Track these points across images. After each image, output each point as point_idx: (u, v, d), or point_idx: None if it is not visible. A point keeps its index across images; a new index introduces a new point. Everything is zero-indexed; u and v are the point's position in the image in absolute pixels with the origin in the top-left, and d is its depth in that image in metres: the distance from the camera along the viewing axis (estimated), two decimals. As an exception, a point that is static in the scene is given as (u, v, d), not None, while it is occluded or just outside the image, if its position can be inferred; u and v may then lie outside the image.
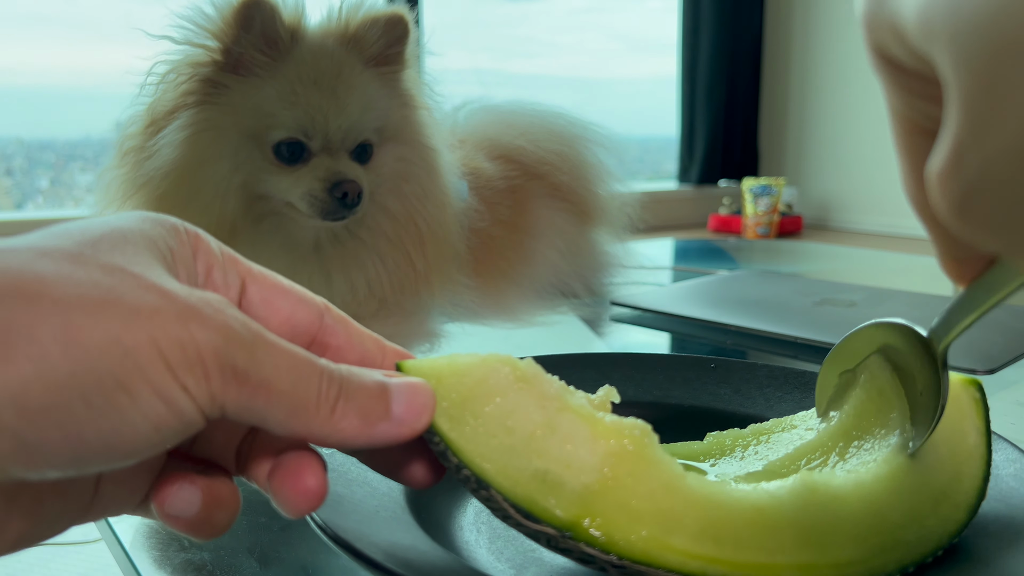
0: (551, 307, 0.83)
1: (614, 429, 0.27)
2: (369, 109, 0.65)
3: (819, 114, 3.25)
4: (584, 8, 3.46)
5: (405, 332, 0.69)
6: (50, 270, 0.20)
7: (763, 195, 2.81)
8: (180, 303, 0.21)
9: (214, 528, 0.25)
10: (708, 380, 0.45)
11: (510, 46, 3.32)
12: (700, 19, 3.27)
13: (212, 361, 0.21)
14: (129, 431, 0.20)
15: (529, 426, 0.27)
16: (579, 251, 0.91)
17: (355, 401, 0.24)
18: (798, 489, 0.27)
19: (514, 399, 0.27)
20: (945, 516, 0.29)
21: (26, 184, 2.37)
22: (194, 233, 0.26)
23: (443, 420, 0.26)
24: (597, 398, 0.32)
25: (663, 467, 0.27)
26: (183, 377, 0.21)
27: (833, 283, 0.91)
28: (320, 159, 0.63)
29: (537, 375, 0.28)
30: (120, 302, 0.20)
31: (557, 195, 0.89)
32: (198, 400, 0.21)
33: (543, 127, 0.91)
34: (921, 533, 0.28)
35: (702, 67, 3.29)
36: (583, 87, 3.42)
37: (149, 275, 0.22)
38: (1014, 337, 0.67)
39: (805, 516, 0.27)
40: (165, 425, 0.21)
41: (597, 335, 0.75)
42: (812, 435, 0.34)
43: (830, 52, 3.18)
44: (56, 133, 2.42)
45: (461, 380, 0.27)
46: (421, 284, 0.71)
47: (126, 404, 0.20)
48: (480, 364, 0.28)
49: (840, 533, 0.27)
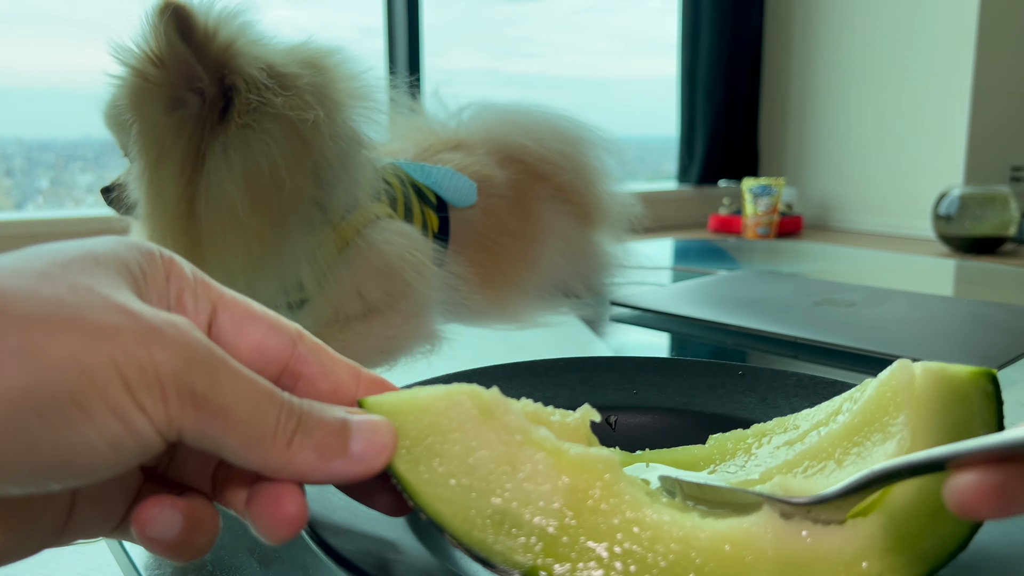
0: (551, 308, 0.83)
1: (578, 463, 0.26)
2: None
3: (819, 114, 3.25)
4: (584, 8, 3.46)
5: (403, 334, 0.69)
6: (15, 286, 0.20)
7: (763, 195, 2.81)
8: (143, 323, 0.21)
9: (193, 551, 0.25)
10: (734, 388, 0.44)
11: (510, 46, 3.32)
12: (700, 19, 3.27)
13: (171, 383, 0.21)
14: (85, 448, 0.20)
15: (490, 463, 0.26)
16: (581, 252, 0.91)
17: (313, 436, 0.24)
18: (773, 516, 0.26)
19: (475, 434, 0.26)
20: (943, 534, 0.26)
21: (26, 184, 2.37)
22: (168, 258, 0.26)
23: (400, 461, 0.26)
24: (574, 421, 0.32)
25: (627, 503, 0.26)
26: (140, 397, 0.21)
27: (833, 283, 0.91)
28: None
29: (501, 405, 0.27)
30: (82, 320, 0.20)
31: (560, 196, 0.89)
32: (155, 421, 0.21)
33: (547, 127, 0.91)
34: (915, 555, 0.26)
35: (702, 67, 3.30)
36: (583, 87, 3.42)
37: (115, 296, 0.22)
38: (1014, 337, 0.67)
39: (781, 548, 0.25)
40: (122, 444, 0.21)
41: (597, 335, 0.75)
42: (815, 438, 0.32)
43: (830, 52, 3.18)
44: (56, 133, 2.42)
45: (421, 417, 0.26)
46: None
47: (81, 421, 0.20)
48: (442, 398, 0.27)
49: (822, 564, 0.25)
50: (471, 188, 0.79)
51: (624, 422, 0.42)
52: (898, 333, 0.68)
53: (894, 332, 0.68)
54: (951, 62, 2.81)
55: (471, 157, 0.84)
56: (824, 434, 0.32)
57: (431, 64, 2.68)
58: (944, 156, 2.86)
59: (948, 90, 2.83)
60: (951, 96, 2.82)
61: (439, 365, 0.64)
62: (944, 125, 2.85)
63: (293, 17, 2.42)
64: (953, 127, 2.83)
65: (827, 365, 0.63)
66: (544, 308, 0.82)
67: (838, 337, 0.66)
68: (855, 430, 0.31)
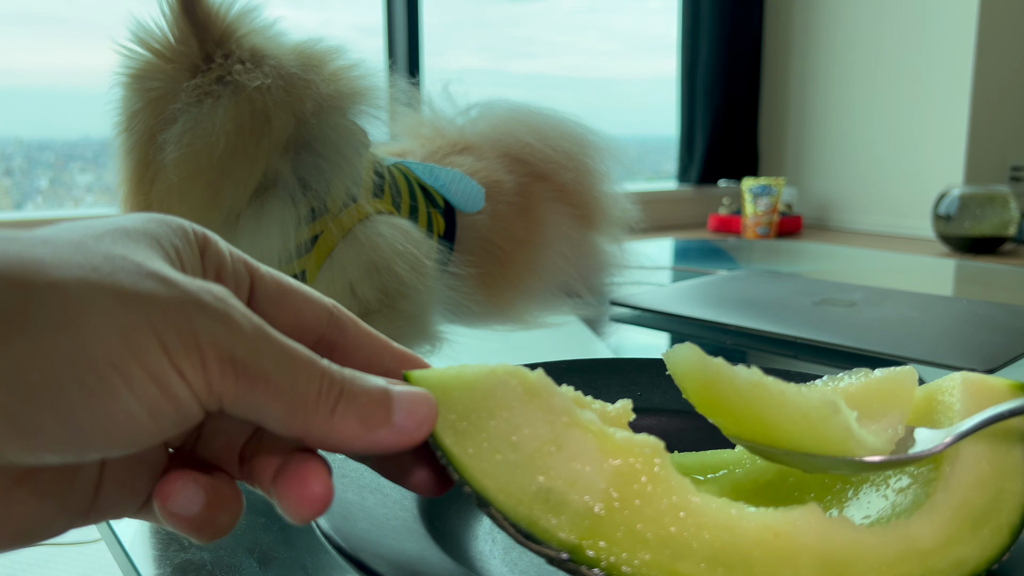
0: (552, 308, 0.83)
1: (624, 447, 0.26)
2: None
3: (819, 114, 3.26)
4: (584, 8, 3.46)
5: (405, 334, 0.69)
6: (49, 255, 0.20)
7: (763, 195, 2.81)
8: (180, 290, 0.21)
9: (216, 529, 0.25)
10: None
11: (510, 46, 3.32)
12: (700, 19, 3.27)
13: (210, 349, 0.21)
14: (123, 415, 0.20)
15: (535, 442, 0.26)
16: (582, 253, 0.91)
17: (356, 404, 0.24)
18: (817, 511, 0.26)
19: (521, 413, 0.26)
20: (984, 540, 0.26)
21: (26, 184, 2.37)
22: (202, 234, 0.26)
23: (447, 434, 0.26)
24: (614, 411, 0.31)
25: (673, 488, 0.26)
26: (179, 362, 0.20)
27: (833, 283, 0.91)
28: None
29: (547, 387, 0.27)
30: (119, 286, 0.20)
31: (562, 198, 0.89)
32: (195, 388, 0.21)
33: (553, 126, 0.91)
34: (956, 559, 0.26)
35: (702, 67, 3.30)
36: (583, 87, 3.42)
37: (151, 264, 0.21)
38: (1014, 337, 0.67)
39: (824, 542, 0.25)
40: (160, 411, 0.20)
41: (597, 336, 0.75)
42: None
43: (830, 52, 3.18)
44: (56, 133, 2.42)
45: (468, 393, 0.27)
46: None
47: (119, 385, 0.20)
48: (488, 376, 0.27)
49: (863, 561, 0.25)
50: (479, 193, 0.79)
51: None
52: (898, 333, 0.68)
53: (894, 332, 0.68)
54: (951, 62, 2.81)
55: (481, 162, 0.84)
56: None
57: (431, 64, 2.68)
58: (944, 156, 2.87)
59: (948, 90, 2.83)
60: (951, 96, 2.82)
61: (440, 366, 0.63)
62: (944, 125, 2.85)
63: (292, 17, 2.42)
64: (953, 127, 2.83)
65: (827, 365, 0.63)
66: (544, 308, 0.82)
67: (838, 337, 0.66)
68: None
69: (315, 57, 0.68)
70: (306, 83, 0.65)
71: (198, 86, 0.63)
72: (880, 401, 0.32)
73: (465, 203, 0.79)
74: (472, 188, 0.79)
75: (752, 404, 0.28)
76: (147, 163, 0.63)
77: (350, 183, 0.68)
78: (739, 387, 0.28)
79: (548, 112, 0.94)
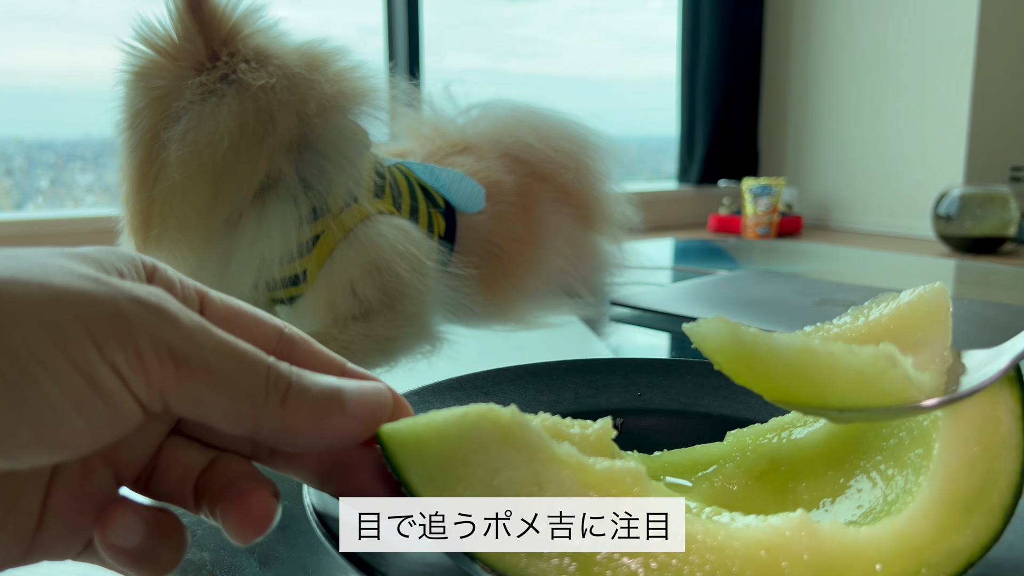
0: (552, 308, 0.83)
1: (605, 478, 0.26)
2: None
3: (819, 114, 3.26)
4: (584, 8, 3.46)
5: (405, 334, 0.69)
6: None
7: (763, 195, 2.81)
8: (113, 286, 0.21)
9: (157, 565, 0.24)
10: (738, 388, 0.43)
11: (510, 46, 3.32)
12: (700, 19, 3.27)
13: (145, 339, 0.20)
14: (49, 411, 0.19)
15: (515, 484, 0.25)
16: (582, 254, 0.91)
17: (307, 395, 0.23)
18: (806, 519, 0.26)
19: (498, 456, 0.26)
20: (978, 526, 0.26)
21: (26, 184, 2.37)
22: (151, 263, 0.26)
23: (425, 487, 0.26)
24: (593, 433, 0.31)
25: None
26: (111, 354, 0.20)
27: (833, 283, 0.91)
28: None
29: (521, 425, 0.27)
30: (49, 284, 0.20)
31: (562, 198, 0.89)
32: (130, 382, 0.20)
33: (554, 127, 0.91)
34: (951, 550, 0.25)
35: (702, 67, 3.30)
36: (583, 87, 3.42)
37: (86, 269, 0.21)
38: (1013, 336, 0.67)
39: (816, 551, 0.25)
40: (89, 407, 0.20)
41: (598, 336, 0.75)
42: (832, 427, 0.32)
43: (830, 52, 3.18)
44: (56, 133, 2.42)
45: (442, 441, 0.26)
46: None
47: (43, 378, 0.19)
48: (460, 421, 0.26)
49: (859, 564, 0.25)
50: (480, 194, 0.79)
51: (630, 425, 0.42)
52: (898, 333, 0.68)
53: (894, 332, 0.68)
54: (951, 62, 2.81)
55: (481, 162, 0.84)
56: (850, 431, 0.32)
57: (431, 64, 2.68)
58: (944, 156, 2.87)
59: (948, 90, 2.83)
60: (951, 96, 2.82)
61: (440, 366, 0.64)
62: (944, 125, 2.85)
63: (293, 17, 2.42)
64: (953, 127, 2.83)
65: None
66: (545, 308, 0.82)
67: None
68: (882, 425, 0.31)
69: (319, 58, 0.68)
70: (310, 83, 0.65)
71: (202, 84, 0.63)
72: (918, 328, 0.31)
73: (465, 203, 0.79)
74: (472, 188, 0.79)
75: (800, 369, 0.28)
76: (150, 161, 0.63)
77: (351, 183, 0.69)
78: (783, 355, 0.28)
79: (548, 112, 0.94)
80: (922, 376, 0.28)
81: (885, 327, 0.32)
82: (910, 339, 0.31)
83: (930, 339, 0.31)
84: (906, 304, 0.32)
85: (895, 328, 0.31)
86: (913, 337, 0.31)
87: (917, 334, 0.31)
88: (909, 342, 0.30)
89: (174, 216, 0.62)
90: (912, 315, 0.32)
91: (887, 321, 0.32)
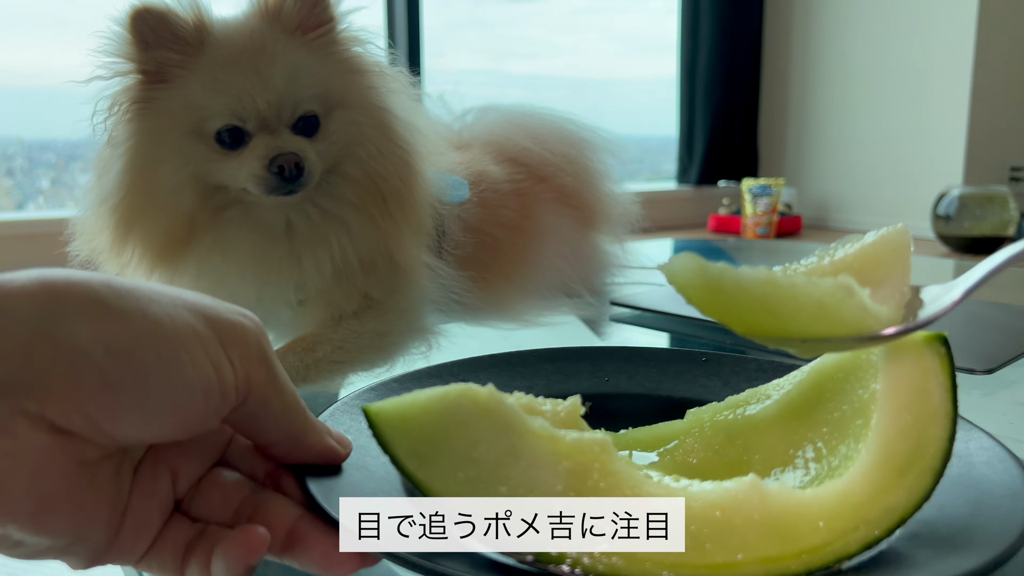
0: (552, 307, 0.83)
1: (574, 448, 0.28)
2: (298, 78, 0.64)
3: (818, 114, 3.26)
4: (584, 9, 3.46)
5: (398, 330, 0.69)
6: (123, 281, 0.27)
7: (762, 195, 2.81)
8: (232, 307, 0.28)
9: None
10: (699, 373, 0.46)
11: (510, 47, 3.32)
12: (699, 20, 3.27)
13: (254, 344, 0.28)
14: (183, 391, 0.25)
15: (493, 455, 0.28)
16: (582, 254, 0.91)
17: (316, 422, 0.31)
18: (756, 482, 0.28)
19: (476, 430, 0.28)
20: (911, 486, 0.28)
21: (27, 184, 2.37)
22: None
23: (410, 461, 0.28)
24: (564, 409, 0.34)
25: (622, 480, 0.28)
26: (231, 352, 0.27)
27: (832, 283, 0.91)
28: (260, 138, 0.62)
29: (498, 401, 0.29)
30: (183, 298, 0.27)
31: (562, 199, 0.89)
32: (238, 375, 0.27)
33: (550, 129, 0.91)
34: (886, 507, 0.28)
35: (701, 68, 3.30)
36: (583, 87, 3.43)
37: (203, 299, 0.29)
38: (1014, 337, 0.67)
39: (765, 511, 0.27)
40: (210, 392, 0.26)
41: (597, 335, 0.75)
42: (784, 402, 0.35)
43: (829, 53, 3.19)
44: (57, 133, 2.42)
45: (424, 418, 0.28)
46: (395, 249, 0.69)
47: (185, 362, 0.25)
48: (441, 399, 0.29)
49: (802, 521, 0.27)
50: (462, 184, 0.79)
51: (598, 408, 0.44)
52: (897, 333, 0.68)
53: (893, 332, 0.69)
54: (950, 62, 2.82)
55: (466, 155, 0.85)
56: (794, 395, 0.35)
57: (431, 64, 2.68)
58: (943, 156, 2.87)
59: (947, 91, 2.83)
60: (950, 96, 2.83)
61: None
62: (943, 125, 2.86)
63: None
64: (952, 127, 2.83)
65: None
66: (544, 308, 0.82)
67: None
68: (825, 391, 0.33)
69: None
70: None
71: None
72: (880, 266, 0.33)
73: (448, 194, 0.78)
74: (453, 181, 0.78)
75: (763, 301, 0.30)
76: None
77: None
78: (747, 286, 0.30)
79: (544, 114, 0.94)
80: (879, 308, 0.30)
81: (849, 265, 0.34)
82: (872, 276, 0.33)
83: (891, 276, 0.33)
84: (869, 244, 0.34)
85: (858, 266, 0.33)
86: (875, 274, 0.33)
87: (879, 271, 0.33)
88: (871, 278, 0.32)
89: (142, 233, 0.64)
90: (875, 254, 0.34)
91: (851, 260, 0.34)
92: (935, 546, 0.28)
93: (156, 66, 0.63)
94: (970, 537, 0.27)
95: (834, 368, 0.33)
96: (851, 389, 0.32)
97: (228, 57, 0.62)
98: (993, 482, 0.31)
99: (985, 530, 0.28)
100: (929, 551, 0.27)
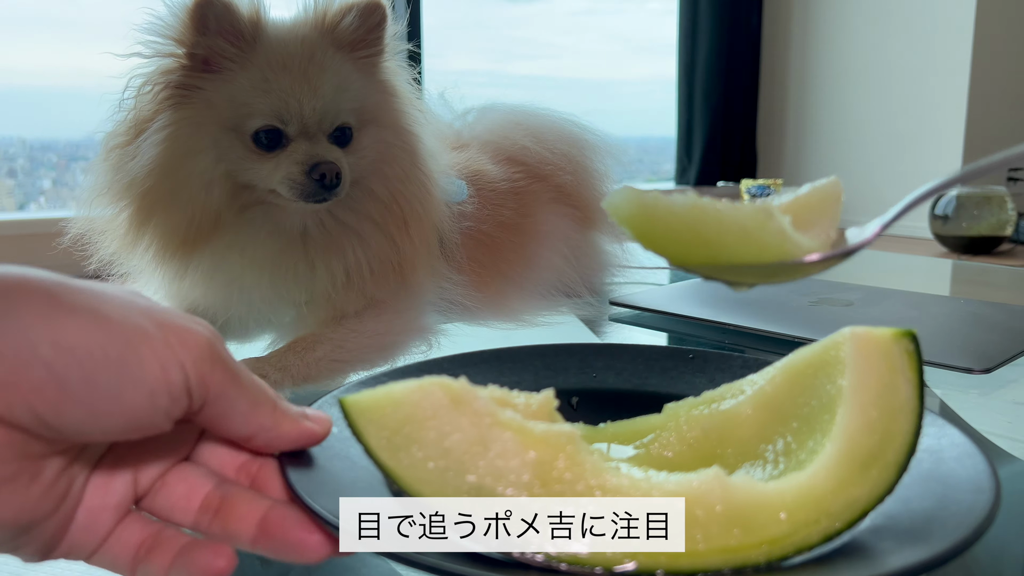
0: (551, 307, 0.83)
1: (542, 439, 0.29)
2: (343, 91, 0.65)
3: (817, 115, 3.26)
4: (584, 10, 3.47)
5: (396, 329, 0.69)
6: (79, 284, 0.27)
7: (761, 196, 2.82)
8: (183, 315, 0.28)
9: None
10: (685, 370, 0.47)
11: (510, 47, 3.32)
12: (699, 21, 3.28)
13: (207, 347, 0.27)
14: (131, 391, 0.25)
15: (463, 445, 0.29)
16: (581, 254, 0.91)
17: (288, 408, 0.31)
18: (720, 474, 0.28)
19: (448, 420, 0.29)
20: (875, 479, 0.29)
21: (28, 185, 2.38)
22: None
23: (383, 451, 0.29)
24: (536, 403, 0.34)
25: (588, 470, 0.29)
26: (181, 356, 0.26)
27: (830, 283, 0.91)
28: (298, 143, 0.63)
29: (470, 393, 0.30)
30: (136, 304, 0.27)
31: (561, 198, 0.89)
32: (189, 377, 0.26)
33: (550, 129, 0.91)
34: (848, 500, 0.28)
35: (700, 68, 3.30)
36: (583, 88, 3.43)
37: (158, 304, 0.29)
38: (1011, 336, 0.67)
39: (728, 501, 0.28)
40: (158, 394, 0.26)
41: (596, 335, 0.75)
42: (757, 398, 0.35)
43: (828, 53, 3.19)
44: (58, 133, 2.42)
45: (398, 408, 0.29)
46: (407, 267, 0.71)
47: (133, 362, 0.25)
48: (415, 390, 0.29)
49: (764, 512, 0.28)
50: (460, 185, 0.79)
51: (585, 403, 0.46)
52: (895, 332, 0.69)
53: (891, 331, 0.69)
54: (948, 63, 2.82)
55: (464, 154, 0.85)
56: (767, 391, 0.35)
57: (431, 66, 2.69)
58: (941, 156, 2.87)
59: (945, 91, 2.84)
60: (948, 97, 2.83)
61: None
62: (941, 125, 2.86)
63: (293, 18, 2.42)
64: (950, 128, 2.84)
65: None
66: (543, 307, 0.82)
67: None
68: (796, 386, 0.34)
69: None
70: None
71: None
72: (811, 211, 0.34)
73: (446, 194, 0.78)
74: (451, 180, 0.79)
75: (692, 226, 0.31)
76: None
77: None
78: (677, 212, 0.31)
79: (544, 113, 0.94)
80: (801, 236, 0.31)
81: (783, 208, 0.35)
82: (802, 220, 0.34)
83: (820, 221, 0.34)
84: (804, 194, 0.36)
85: (791, 210, 0.35)
86: (805, 218, 0.34)
87: (809, 216, 0.34)
88: (801, 221, 0.34)
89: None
90: (808, 202, 0.35)
91: (785, 207, 0.35)
92: (896, 539, 0.28)
93: (209, 53, 0.63)
94: (929, 530, 0.28)
95: (805, 364, 0.34)
96: (820, 384, 0.33)
97: (279, 60, 0.63)
98: (960, 477, 0.31)
99: (944, 524, 0.28)
100: (890, 543, 0.28)
